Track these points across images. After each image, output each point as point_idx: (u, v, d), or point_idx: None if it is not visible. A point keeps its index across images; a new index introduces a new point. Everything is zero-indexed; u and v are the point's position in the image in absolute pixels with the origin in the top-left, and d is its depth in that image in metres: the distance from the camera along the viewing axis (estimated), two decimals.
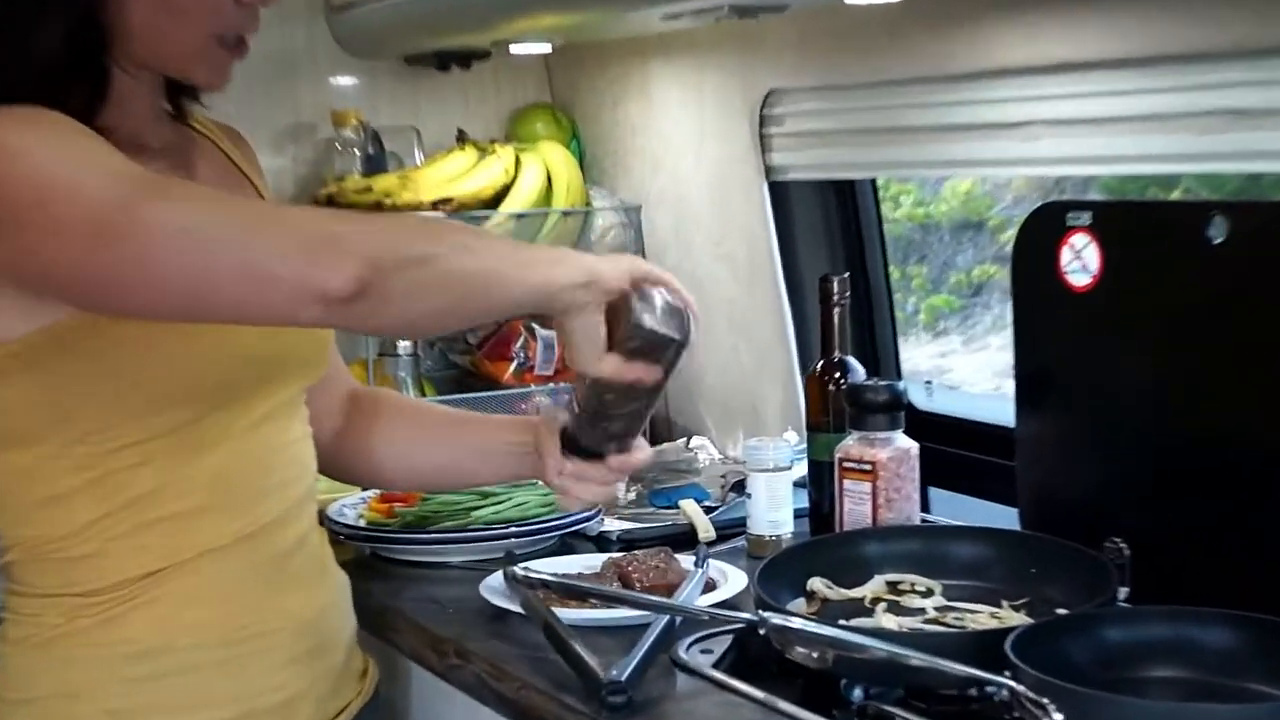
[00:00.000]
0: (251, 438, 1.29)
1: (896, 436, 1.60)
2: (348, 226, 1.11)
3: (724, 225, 2.20)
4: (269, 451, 1.31)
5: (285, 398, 1.33)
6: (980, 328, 2.85)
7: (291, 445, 1.35)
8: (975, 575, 1.48)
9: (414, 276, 1.09)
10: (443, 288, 1.12)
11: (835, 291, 1.73)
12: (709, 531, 1.81)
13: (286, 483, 1.33)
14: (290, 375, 1.33)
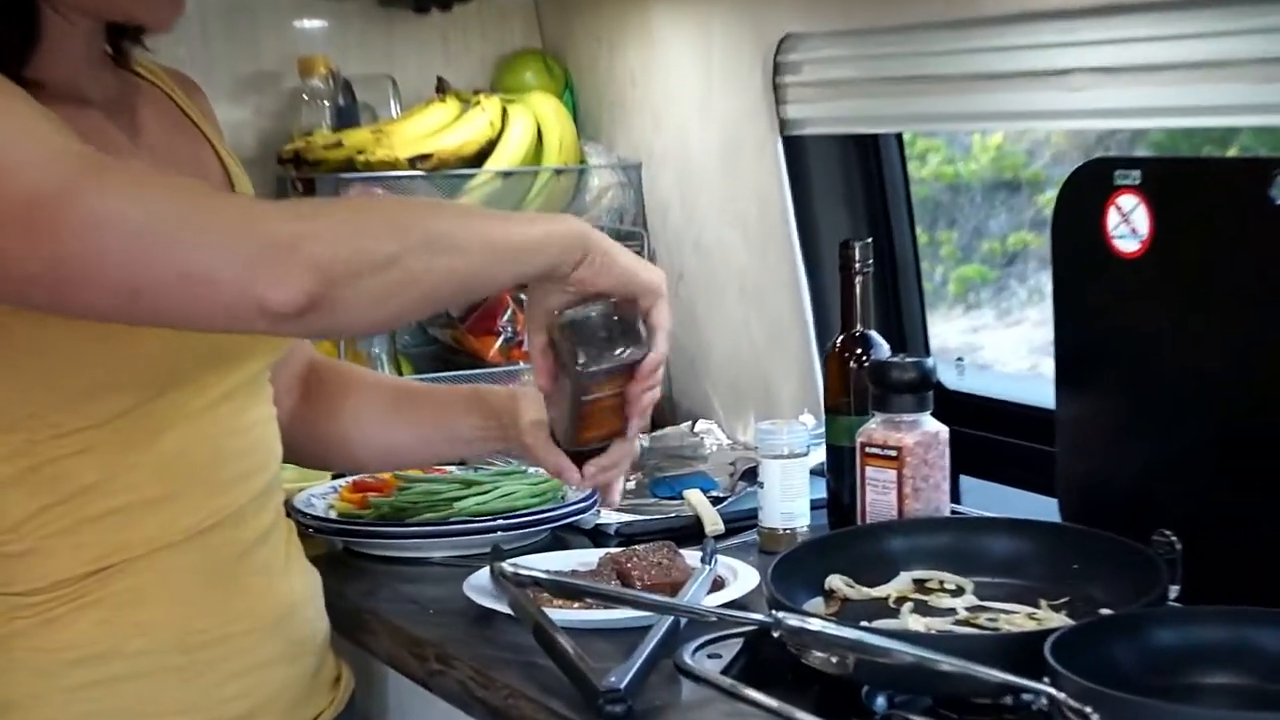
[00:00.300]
0: (206, 422, 1.28)
1: (924, 419, 1.60)
2: (301, 226, 1.10)
3: (733, 185, 2.20)
4: (227, 437, 1.31)
5: (245, 376, 1.32)
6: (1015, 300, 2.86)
7: (253, 429, 1.34)
8: (1011, 572, 1.48)
9: (374, 283, 1.10)
10: (410, 290, 1.13)
11: (856, 258, 1.73)
12: (717, 524, 1.81)
13: (247, 471, 1.33)
14: (251, 351, 1.33)
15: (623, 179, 2.36)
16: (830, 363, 1.75)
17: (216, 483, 1.29)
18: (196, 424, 1.27)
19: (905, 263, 2.14)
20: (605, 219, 2.33)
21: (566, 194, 2.34)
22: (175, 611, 1.27)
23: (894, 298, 2.13)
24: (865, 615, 1.41)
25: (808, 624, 1.25)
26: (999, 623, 1.39)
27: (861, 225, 2.13)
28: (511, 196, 2.28)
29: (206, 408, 1.28)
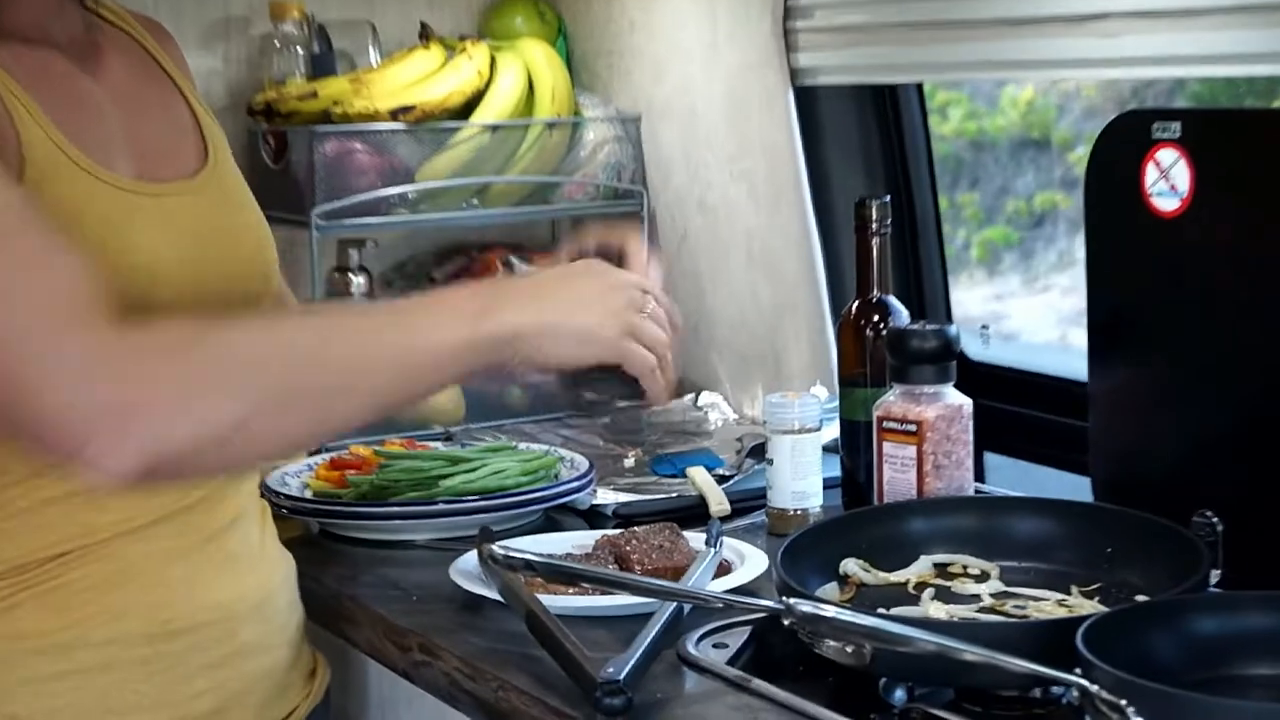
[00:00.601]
0: None
1: (947, 391, 1.61)
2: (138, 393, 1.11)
3: (741, 140, 2.20)
4: None
5: None
6: (1043, 265, 2.86)
7: None
8: (1039, 556, 1.48)
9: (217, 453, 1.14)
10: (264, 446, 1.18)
11: (873, 219, 1.73)
12: (722, 504, 1.82)
13: None
14: (229, 310, 1.33)
15: (620, 133, 2.36)
16: (845, 331, 1.75)
17: None
18: None
19: (926, 223, 2.14)
20: (602, 176, 2.33)
21: (560, 149, 2.33)
22: (142, 600, 1.27)
23: (913, 261, 2.14)
24: (883, 602, 1.42)
25: (821, 611, 1.25)
26: (1027, 610, 1.40)
27: (879, 183, 2.13)
28: (500, 152, 2.28)
29: None
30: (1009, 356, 2.10)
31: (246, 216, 1.41)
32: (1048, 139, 2.82)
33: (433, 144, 2.24)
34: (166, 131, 1.38)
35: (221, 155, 1.41)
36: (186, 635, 1.30)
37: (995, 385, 2.00)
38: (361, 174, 2.19)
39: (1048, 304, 2.74)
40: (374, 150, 2.20)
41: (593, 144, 2.35)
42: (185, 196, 1.34)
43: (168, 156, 1.36)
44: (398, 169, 2.22)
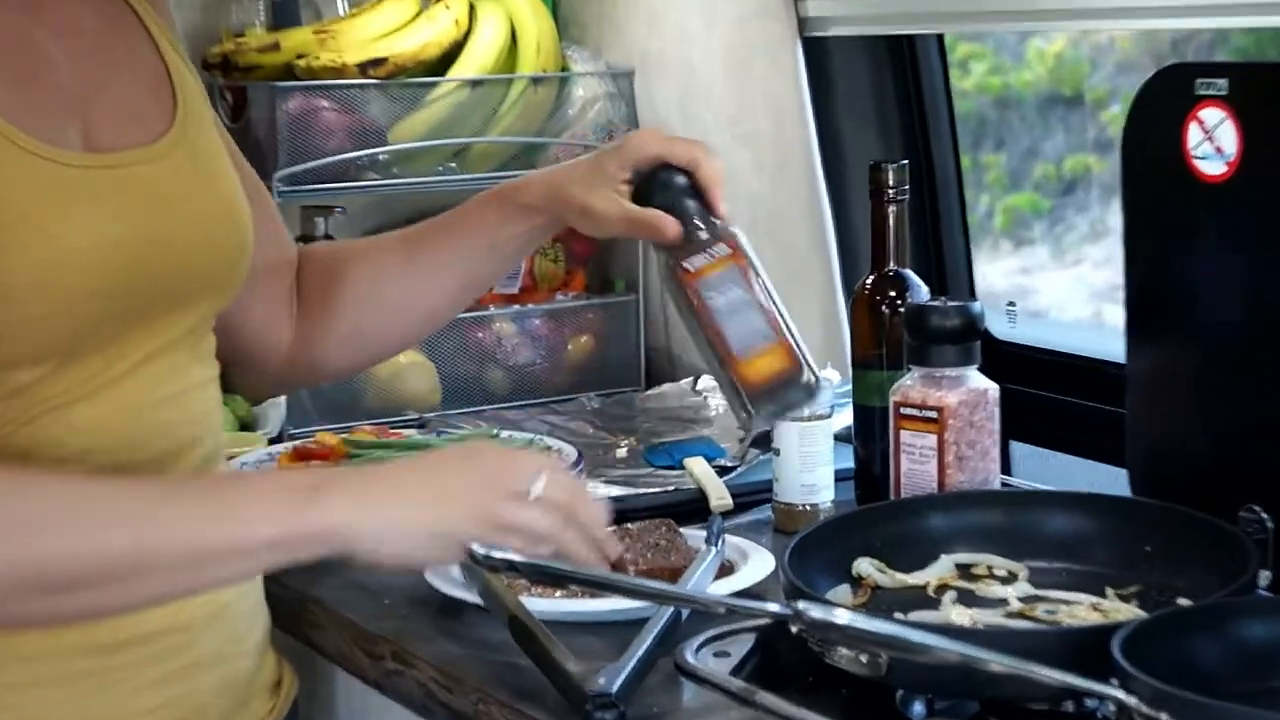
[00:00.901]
0: (125, 390, 1.28)
1: (970, 374, 1.60)
2: None
3: (744, 97, 2.19)
4: (151, 408, 1.30)
5: (175, 334, 1.31)
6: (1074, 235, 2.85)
7: (184, 396, 1.33)
8: (1072, 556, 1.48)
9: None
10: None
11: (890, 184, 1.72)
12: (724, 499, 1.82)
13: (178, 447, 1.32)
14: (182, 302, 1.32)
15: (612, 89, 2.35)
16: (858, 307, 1.75)
17: (139, 461, 1.28)
18: (113, 393, 1.27)
19: (947, 189, 2.14)
20: (591, 136, 2.32)
21: (545, 107, 2.33)
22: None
23: (933, 231, 2.13)
24: (900, 606, 1.41)
25: (833, 616, 1.24)
26: (1058, 615, 1.40)
27: (895, 145, 2.12)
28: (480, 110, 2.27)
29: (125, 373, 1.27)
30: (1037, 336, 2.10)
31: (217, 187, 1.37)
32: (1079, 96, 2.82)
33: (406, 101, 2.24)
34: (130, 89, 1.34)
35: (193, 115, 1.37)
36: (137, 647, 1.29)
37: (1023, 368, 1.99)
38: (328, 134, 2.18)
39: (1079, 278, 2.74)
40: (342, 108, 2.19)
41: (581, 102, 2.34)
42: (142, 166, 1.30)
43: (130, 118, 1.32)
44: (368, 129, 2.21)
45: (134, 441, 1.28)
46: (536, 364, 2.35)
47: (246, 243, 1.38)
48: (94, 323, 1.25)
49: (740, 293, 1.47)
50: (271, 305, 1.53)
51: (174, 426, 1.32)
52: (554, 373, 2.36)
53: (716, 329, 1.45)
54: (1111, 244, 2.05)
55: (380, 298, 1.55)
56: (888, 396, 1.63)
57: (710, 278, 1.47)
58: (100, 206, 1.26)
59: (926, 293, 1.73)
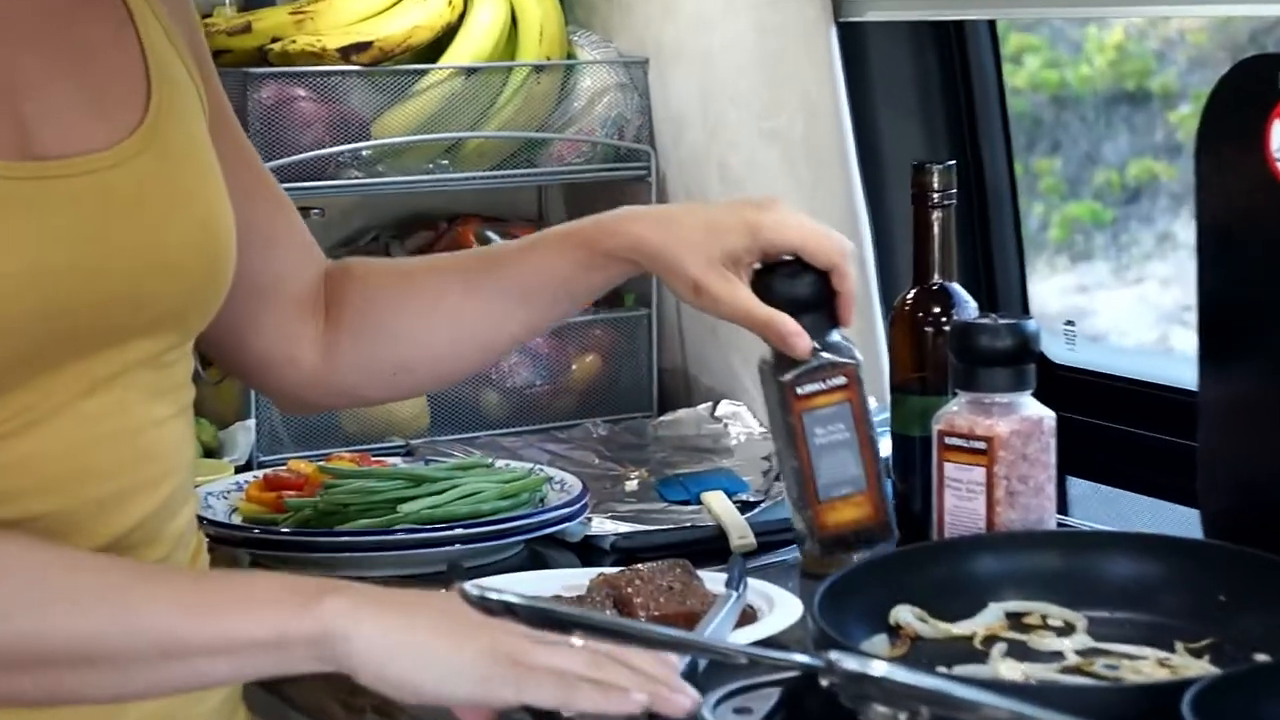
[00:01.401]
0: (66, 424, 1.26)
1: (1024, 401, 1.60)
2: None
3: (771, 90, 2.19)
4: (99, 443, 1.28)
5: (129, 361, 1.30)
6: (1138, 250, 2.85)
7: (137, 434, 1.32)
8: (1136, 605, 1.48)
9: None
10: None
11: (935, 187, 1.73)
12: (746, 538, 1.82)
13: (134, 488, 1.31)
14: (135, 335, 1.30)
15: (623, 79, 2.36)
16: (898, 325, 1.75)
17: (78, 505, 1.27)
18: (48, 430, 1.25)
19: (999, 194, 2.14)
20: (600, 132, 2.33)
21: (548, 99, 2.33)
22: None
23: (983, 240, 2.14)
24: (943, 659, 1.42)
25: (869, 668, 1.25)
26: (1120, 670, 1.40)
27: (941, 143, 2.13)
28: (476, 102, 2.28)
29: (62, 407, 1.26)
30: (1096, 362, 2.10)
31: (191, 196, 1.33)
32: (1145, 93, 2.82)
33: (393, 91, 2.24)
34: (97, 83, 1.31)
35: (172, 112, 1.34)
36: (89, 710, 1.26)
37: (1083, 395, 2.00)
38: (305, 127, 2.19)
39: (1142, 297, 2.73)
40: (320, 98, 2.20)
41: (589, 94, 2.35)
42: (91, 176, 1.27)
43: (86, 117, 1.29)
44: (350, 121, 2.22)
45: (73, 483, 1.27)
46: (536, 385, 2.35)
47: (220, 264, 1.35)
48: (22, 355, 1.23)
49: (844, 434, 1.52)
50: (286, 323, 1.52)
51: (124, 467, 1.30)
52: (556, 395, 2.37)
53: (808, 462, 1.51)
54: (1180, 259, 2.06)
55: (431, 337, 1.55)
56: (930, 425, 1.63)
57: (819, 412, 1.52)
58: (33, 225, 1.22)
59: (975, 309, 1.73)
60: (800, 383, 1.52)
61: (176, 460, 1.36)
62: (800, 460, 1.52)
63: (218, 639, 1.17)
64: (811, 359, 1.51)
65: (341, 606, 1.17)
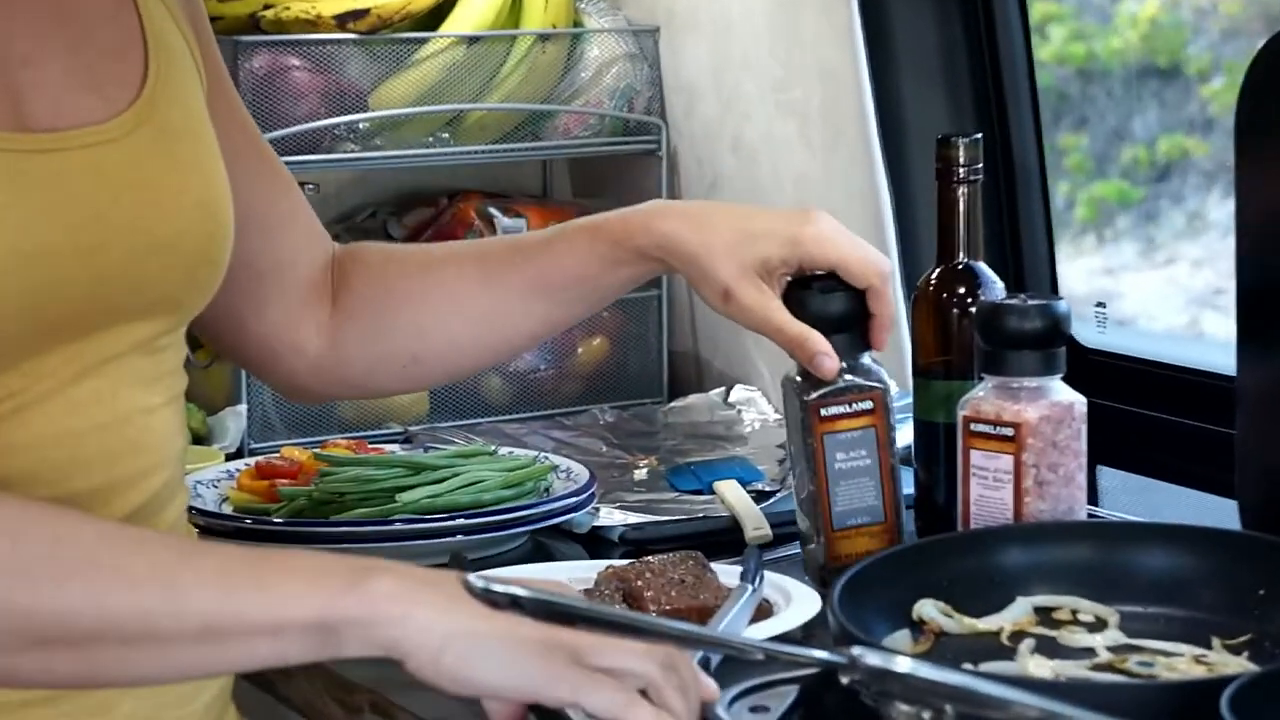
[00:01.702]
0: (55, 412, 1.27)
1: (1054, 386, 1.60)
2: None
3: (789, 59, 2.19)
4: (90, 432, 1.29)
5: (121, 347, 1.30)
6: (1169, 230, 2.85)
7: (126, 423, 1.32)
8: (1171, 599, 1.48)
9: None
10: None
11: (960, 162, 1.73)
12: (761, 529, 1.82)
13: (125, 479, 1.31)
14: (126, 319, 1.29)
15: (633, 49, 2.36)
16: (921, 306, 1.75)
17: (76, 498, 1.27)
18: (34, 416, 1.26)
19: (1027, 169, 2.14)
20: (608, 104, 2.33)
21: (554, 69, 2.33)
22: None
23: (1010, 217, 2.14)
24: (968, 655, 1.42)
25: (892, 665, 1.25)
26: (1155, 668, 1.40)
27: (967, 116, 2.13)
28: (478, 72, 2.28)
29: (49, 394, 1.26)
30: (1129, 345, 2.10)
31: (189, 175, 1.33)
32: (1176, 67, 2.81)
33: (391, 60, 2.25)
34: (93, 55, 1.31)
35: (171, 86, 1.34)
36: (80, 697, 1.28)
37: (1115, 380, 2.00)
38: (299, 98, 2.19)
39: (1172, 280, 2.73)
40: (315, 67, 2.20)
41: (597, 63, 2.35)
42: (85, 150, 1.27)
43: (80, 90, 1.29)
44: (346, 92, 2.22)
45: (59, 474, 1.27)
46: (540, 370, 2.36)
47: (218, 244, 1.35)
48: (9, 337, 1.23)
49: (866, 461, 1.57)
50: (290, 309, 1.53)
51: (113, 458, 1.31)
52: (561, 380, 2.37)
53: (825, 486, 1.56)
54: (1212, 241, 2.05)
55: (447, 330, 1.55)
56: (955, 411, 1.63)
57: (842, 436, 1.56)
58: (25, 200, 1.23)
59: (1002, 289, 1.73)
60: (825, 404, 1.54)
61: (167, 452, 1.36)
62: (818, 482, 1.54)
63: (264, 621, 1.14)
64: (838, 380, 1.53)
65: (391, 589, 1.14)
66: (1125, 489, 2.01)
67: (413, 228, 2.38)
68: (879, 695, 1.26)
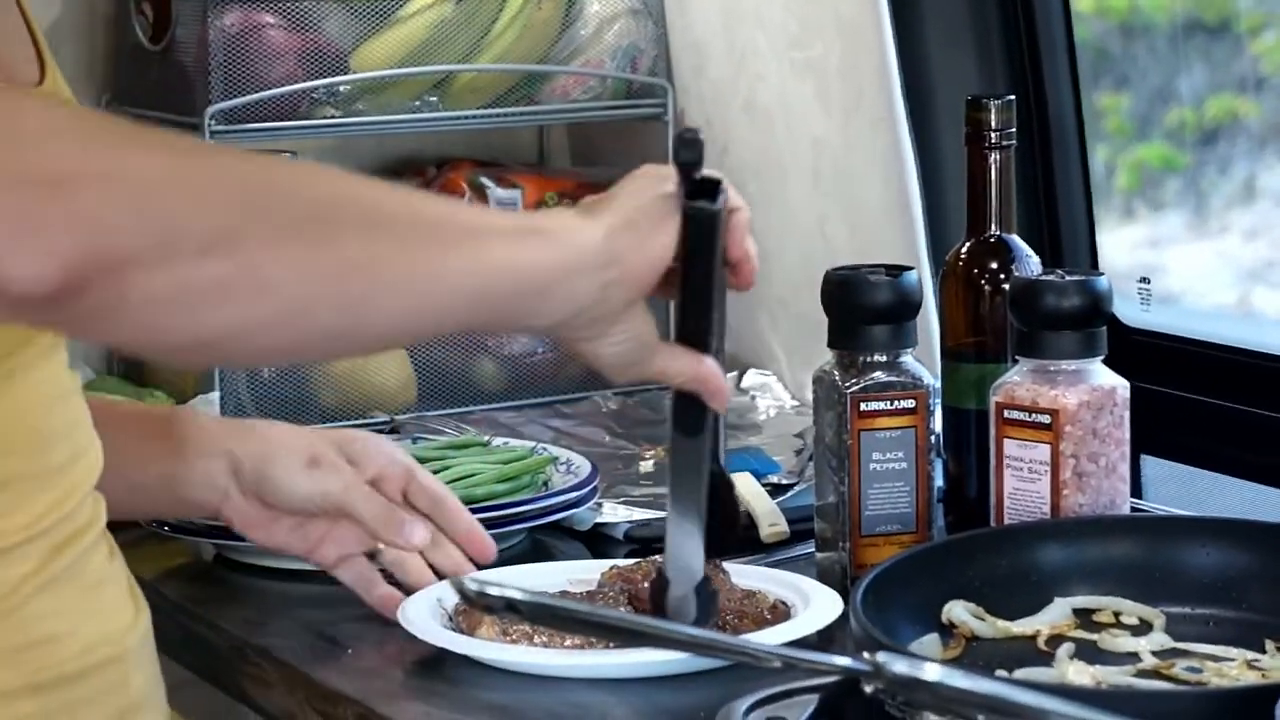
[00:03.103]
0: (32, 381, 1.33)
1: (1094, 369, 1.61)
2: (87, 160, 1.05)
3: (806, 15, 2.19)
4: (54, 402, 1.36)
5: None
6: (1218, 199, 2.85)
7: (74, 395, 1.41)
8: (1221, 600, 1.49)
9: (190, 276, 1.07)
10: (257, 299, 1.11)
11: (992, 125, 1.73)
12: (777, 525, 1.82)
13: (77, 452, 1.39)
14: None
15: (636, 4, 2.36)
16: (950, 283, 1.76)
17: (48, 466, 1.34)
18: (20, 384, 1.32)
19: (1063, 133, 2.14)
20: (610, 64, 2.33)
21: (551, 27, 2.33)
22: (18, 637, 1.30)
23: (1046, 186, 2.14)
24: (1003, 661, 1.42)
25: (921, 673, 1.25)
26: (1204, 674, 1.40)
27: (999, 76, 2.13)
28: (468, 31, 2.28)
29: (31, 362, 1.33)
30: (1174, 325, 2.10)
31: None
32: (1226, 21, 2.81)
33: (374, 18, 2.25)
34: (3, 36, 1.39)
35: (56, 73, 1.43)
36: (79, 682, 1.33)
37: (1160, 362, 2.00)
38: (275, 58, 2.19)
39: (1222, 253, 2.73)
40: (291, 25, 2.20)
41: (597, 20, 2.35)
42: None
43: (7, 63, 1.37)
44: (325, 52, 2.22)
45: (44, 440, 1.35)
46: (538, 353, 2.35)
47: None
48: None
49: (903, 465, 1.59)
50: None
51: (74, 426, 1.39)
52: (560, 364, 2.37)
53: (857, 487, 1.57)
54: (1265, 210, 2.05)
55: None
56: (987, 397, 1.64)
57: (880, 435, 1.58)
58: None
59: (1037, 264, 1.73)
60: (866, 398, 1.54)
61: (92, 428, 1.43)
62: (849, 485, 1.54)
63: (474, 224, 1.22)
64: (877, 375, 1.54)
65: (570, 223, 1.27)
66: (1171, 480, 2.02)
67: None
68: (905, 705, 1.26)
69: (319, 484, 1.58)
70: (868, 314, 1.59)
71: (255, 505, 1.60)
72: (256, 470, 1.59)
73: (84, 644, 1.34)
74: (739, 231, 1.41)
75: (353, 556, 1.61)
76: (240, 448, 1.60)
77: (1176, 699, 1.34)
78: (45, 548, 1.32)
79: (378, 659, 1.57)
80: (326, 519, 1.60)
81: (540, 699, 1.45)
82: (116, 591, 1.41)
